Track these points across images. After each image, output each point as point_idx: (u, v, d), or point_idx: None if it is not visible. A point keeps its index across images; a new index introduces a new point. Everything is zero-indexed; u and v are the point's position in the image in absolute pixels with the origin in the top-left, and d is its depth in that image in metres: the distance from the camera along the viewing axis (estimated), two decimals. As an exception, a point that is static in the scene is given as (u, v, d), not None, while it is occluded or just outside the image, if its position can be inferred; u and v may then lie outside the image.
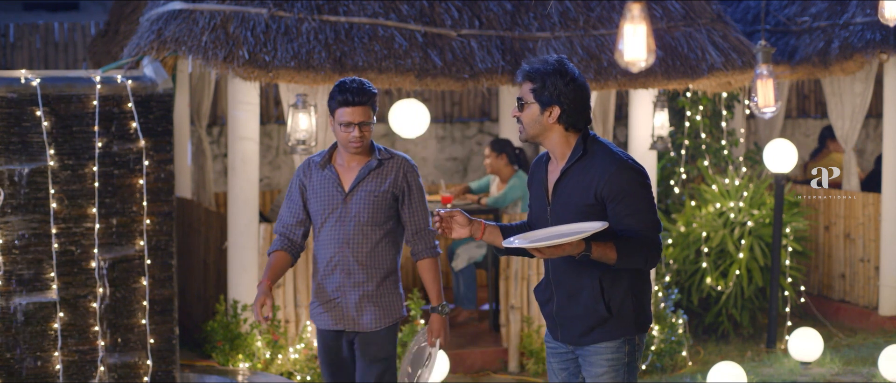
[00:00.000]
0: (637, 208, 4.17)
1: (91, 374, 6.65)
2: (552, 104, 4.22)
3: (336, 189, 5.06)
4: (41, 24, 12.92)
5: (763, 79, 7.40)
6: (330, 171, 5.08)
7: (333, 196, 5.06)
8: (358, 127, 4.98)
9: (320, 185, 5.08)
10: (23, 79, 6.56)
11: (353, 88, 4.97)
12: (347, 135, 4.99)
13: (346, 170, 5.08)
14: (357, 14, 7.48)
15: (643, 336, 4.34)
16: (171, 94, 6.87)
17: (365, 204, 5.03)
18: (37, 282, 6.57)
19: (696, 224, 9.15)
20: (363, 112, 4.99)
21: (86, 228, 6.63)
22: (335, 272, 5.06)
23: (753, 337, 9.08)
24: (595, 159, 4.22)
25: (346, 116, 4.97)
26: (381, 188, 5.04)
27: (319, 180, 5.09)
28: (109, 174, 6.66)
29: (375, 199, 5.03)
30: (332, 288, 5.06)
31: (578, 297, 4.26)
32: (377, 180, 5.05)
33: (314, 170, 5.12)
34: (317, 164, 5.12)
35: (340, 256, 5.04)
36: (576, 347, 4.34)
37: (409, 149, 11.59)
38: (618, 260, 4.12)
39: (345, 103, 4.96)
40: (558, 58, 4.27)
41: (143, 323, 6.73)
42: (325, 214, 5.06)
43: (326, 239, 5.07)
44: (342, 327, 5.07)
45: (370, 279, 5.05)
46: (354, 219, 5.02)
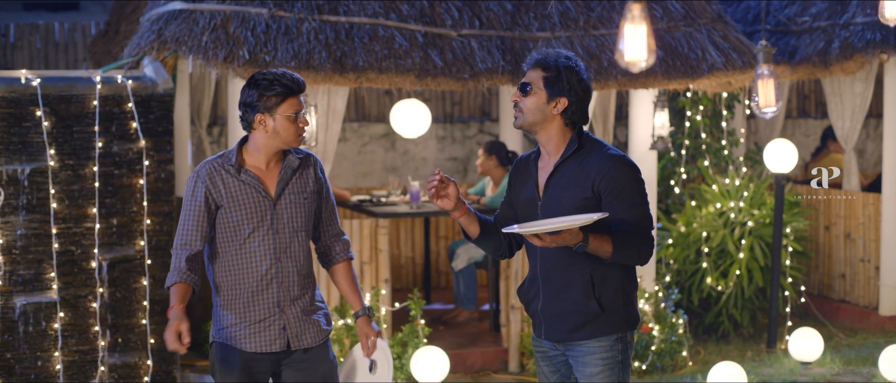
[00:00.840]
0: (632, 203, 4.19)
1: (91, 374, 6.65)
2: (561, 95, 4.22)
3: (261, 194, 4.53)
4: (41, 24, 12.92)
5: (763, 79, 7.40)
6: (247, 176, 4.54)
7: (259, 202, 4.53)
8: (303, 116, 4.58)
9: (239, 192, 4.53)
10: (23, 79, 6.56)
11: (289, 76, 4.52)
12: (297, 126, 4.51)
13: (264, 172, 4.58)
14: (357, 14, 7.48)
15: (633, 333, 4.34)
16: (171, 94, 6.87)
17: (295, 208, 4.58)
18: (37, 282, 6.57)
19: (696, 224, 9.15)
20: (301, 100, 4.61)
21: (86, 228, 6.64)
22: (270, 286, 4.55)
23: (754, 337, 9.08)
24: (591, 154, 4.24)
25: (294, 106, 4.49)
26: (307, 189, 4.63)
27: (236, 187, 4.53)
28: (110, 174, 6.67)
29: (304, 202, 4.60)
30: (270, 305, 4.54)
31: (568, 293, 4.26)
32: (301, 181, 4.63)
33: (225, 177, 4.53)
34: (228, 170, 4.54)
35: (278, 268, 4.55)
36: (565, 347, 4.33)
37: (409, 150, 11.60)
38: (613, 253, 4.13)
39: (289, 92, 4.48)
40: (570, 53, 4.29)
41: (144, 324, 6.73)
42: (251, 224, 4.51)
43: (256, 250, 4.53)
44: (278, 348, 4.56)
45: (306, 290, 4.63)
46: (288, 226, 4.56)
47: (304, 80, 7.16)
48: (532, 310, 4.41)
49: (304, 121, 4.54)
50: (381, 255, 7.77)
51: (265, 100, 4.46)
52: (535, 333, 4.45)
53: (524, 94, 4.27)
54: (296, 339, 4.58)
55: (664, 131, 8.34)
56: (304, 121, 4.54)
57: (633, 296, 4.33)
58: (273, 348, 4.55)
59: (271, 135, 4.49)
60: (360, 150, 11.43)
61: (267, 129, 4.49)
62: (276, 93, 4.46)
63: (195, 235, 4.53)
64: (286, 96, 4.47)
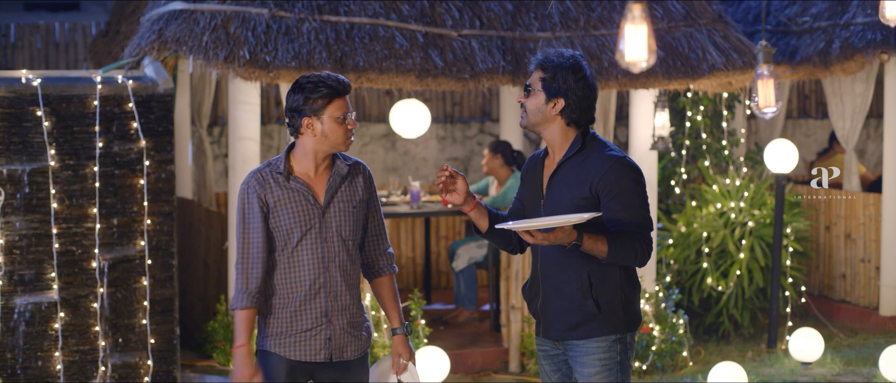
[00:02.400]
0: (630, 204, 4.19)
1: (92, 374, 6.65)
2: (558, 96, 4.24)
3: (309, 202, 4.45)
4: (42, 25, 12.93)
5: (764, 79, 7.40)
6: (296, 183, 4.46)
7: (308, 210, 4.44)
8: (351, 118, 4.48)
9: (289, 199, 4.45)
10: (24, 79, 6.56)
11: (334, 77, 4.44)
12: (346, 128, 4.43)
13: (312, 179, 4.49)
14: (358, 14, 7.48)
15: (634, 334, 4.34)
16: (171, 94, 6.87)
17: (345, 216, 4.49)
18: (37, 282, 6.57)
19: (696, 224, 9.15)
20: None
21: (86, 228, 6.63)
22: (319, 296, 4.47)
23: (754, 338, 9.08)
24: (592, 155, 4.25)
25: (342, 107, 4.42)
26: (356, 197, 4.52)
27: (285, 194, 4.45)
28: (110, 174, 6.67)
29: (353, 211, 4.51)
30: (317, 315, 4.46)
31: (565, 291, 4.27)
32: (350, 189, 4.52)
33: (274, 185, 4.46)
34: (276, 178, 4.47)
35: (326, 277, 4.46)
36: (565, 346, 4.34)
37: (409, 150, 11.60)
38: (608, 253, 4.14)
39: (336, 94, 4.41)
40: (574, 53, 4.30)
41: (144, 324, 6.73)
42: (300, 231, 4.43)
43: (304, 259, 4.45)
44: (323, 358, 4.49)
45: (354, 300, 4.54)
46: (336, 235, 4.47)
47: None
48: (533, 309, 4.43)
49: (353, 122, 4.46)
50: (381, 255, 7.76)
51: (311, 102, 4.38)
52: (536, 332, 4.47)
53: (526, 95, 4.31)
54: (338, 351, 4.50)
55: (665, 131, 8.34)
56: (352, 122, 4.45)
57: (634, 298, 4.33)
58: (317, 358, 4.48)
59: (320, 138, 4.41)
60: (361, 150, 11.43)
61: (315, 133, 4.40)
62: (323, 95, 4.38)
63: (262, 250, 4.45)
64: (333, 98, 4.39)
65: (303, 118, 4.40)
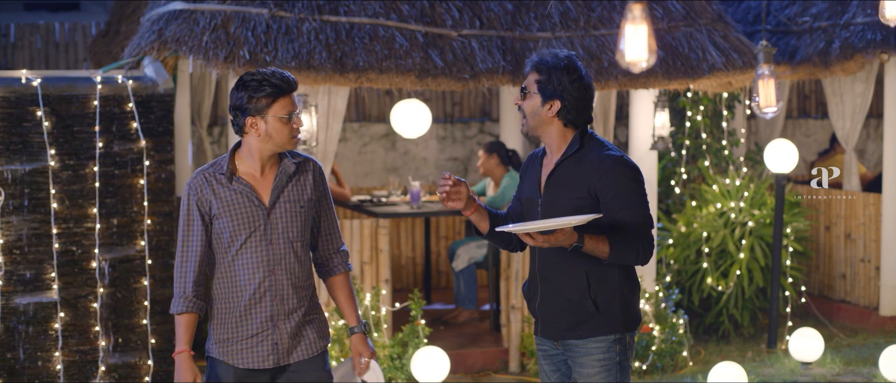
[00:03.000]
0: (630, 203, 4.18)
1: (92, 374, 6.65)
2: (553, 98, 4.24)
3: (253, 203, 4.33)
4: (42, 25, 12.92)
5: (764, 79, 7.40)
6: (240, 184, 4.33)
7: (252, 212, 4.32)
8: (297, 116, 4.35)
9: (232, 201, 4.32)
10: (23, 79, 6.56)
11: (279, 75, 4.29)
12: (291, 128, 4.30)
13: (258, 180, 4.36)
14: (358, 14, 7.48)
15: (633, 334, 4.32)
16: (171, 94, 6.87)
17: (291, 217, 4.35)
18: (37, 282, 6.57)
19: (696, 224, 9.15)
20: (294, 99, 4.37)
21: (86, 228, 6.63)
22: (264, 300, 4.34)
23: (754, 338, 9.08)
24: (589, 154, 4.24)
25: (287, 106, 4.28)
26: (304, 196, 4.39)
27: (229, 196, 4.33)
28: (110, 174, 6.66)
29: (301, 211, 4.36)
30: (262, 320, 4.35)
31: (564, 291, 4.26)
32: (298, 188, 4.39)
33: (216, 187, 4.33)
34: (218, 179, 4.35)
35: (271, 281, 4.33)
36: (563, 346, 4.33)
37: (409, 150, 11.60)
38: (610, 253, 4.13)
39: (280, 92, 4.27)
40: (569, 54, 4.29)
41: (144, 324, 6.73)
42: (242, 234, 4.31)
43: (248, 262, 4.33)
44: (271, 364, 4.38)
45: (302, 302, 4.39)
46: (283, 236, 4.33)
47: (302, 80, 7.19)
48: (531, 308, 4.42)
49: (299, 121, 4.34)
50: (381, 255, 7.77)
51: (255, 101, 4.25)
52: (535, 331, 4.45)
53: (523, 98, 4.30)
54: (286, 355, 4.38)
55: (665, 131, 8.34)
56: (298, 121, 4.33)
57: (632, 297, 4.32)
58: (265, 364, 4.38)
59: (264, 138, 4.29)
60: (361, 150, 11.43)
61: (259, 133, 4.28)
62: (267, 94, 4.24)
63: (198, 253, 4.35)
64: (277, 96, 4.26)
65: (246, 117, 4.27)
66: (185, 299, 4.38)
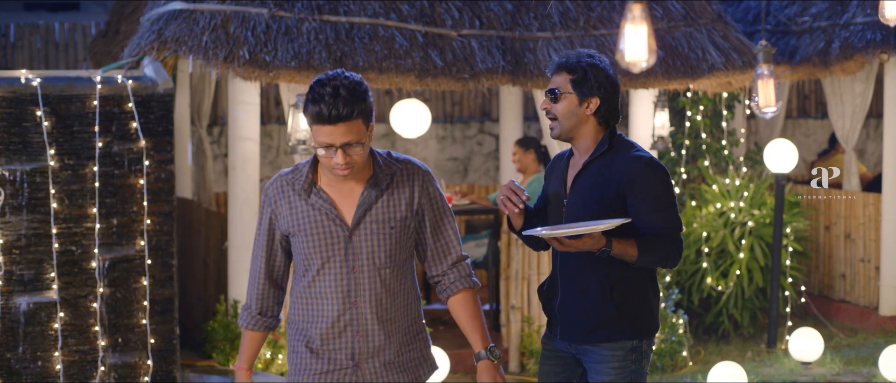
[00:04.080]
0: (660, 205, 4.11)
1: (91, 374, 6.65)
2: (592, 95, 4.15)
3: (334, 222, 3.72)
4: (42, 24, 12.93)
5: (764, 79, 7.40)
6: (319, 198, 3.73)
7: (331, 233, 3.72)
8: (342, 150, 3.60)
9: (308, 218, 3.73)
10: (23, 79, 6.56)
11: (330, 95, 3.56)
12: (329, 160, 3.64)
13: (342, 194, 3.74)
14: (357, 14, 7.48)
15: (651, 341, 4.23)
16: (171, 94, 6.87)
17: (379, 239, 3.73)
18: (37, 282, 6.57)
19: (696, 224, 9.15)
20: (348, 130, 3.58)
21: (86, 228, 6.63)
22: (344, 335, 3.75)
23: (754, 337, 9.08)
24: (619, 154, 4.16)
25: (323, 136, 3.60)
26: (397, 215, 3.75)
27: (305, 211, 3.74)
28: (110, 174, 6.66)
29: (391, 232, 3.74)
30: (342, 357, 3.76)
31: (585, 293, 4.18)
32: (390, 204, 3.74)
33: (293, 199, 3.76)
34: (297, 188, 3.76)
35: (353, 314, 3.74)
36: (578, 350, 4.27)
37: (409, 150, 11.60)
38: (639, 257, 4.05)
39: (320, 120, 3.58)
40: (592, 51, 4.22)
41: (144, 323, 6.73)
42: (319, 258, 3.72)
43: (326, 290, 3.74)
44: None
45: (391, 340, 3.78)
46: (368, 263, 3.72)
47: (302, 80, 7.19)
48: (549, 310, 4.33)
49: (347, 154, 3.66)
50: (381, 255, 7.76)
51: (306, 114, 3.79)
52: (549, 332, 4.35)
53: (554, 100, 4.18)
54: None
55: (664, 131, 8.34)
56: (345, 154, 3.66)
57: (653, 303, 4.23)
58: None
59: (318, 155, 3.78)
60: (361, 150, 11.44)
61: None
62: (309, 113, 3.71)
63: (264, 270, 3.84)
64: (317, 122, 3.70)
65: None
66: (250, 316, 3.89)
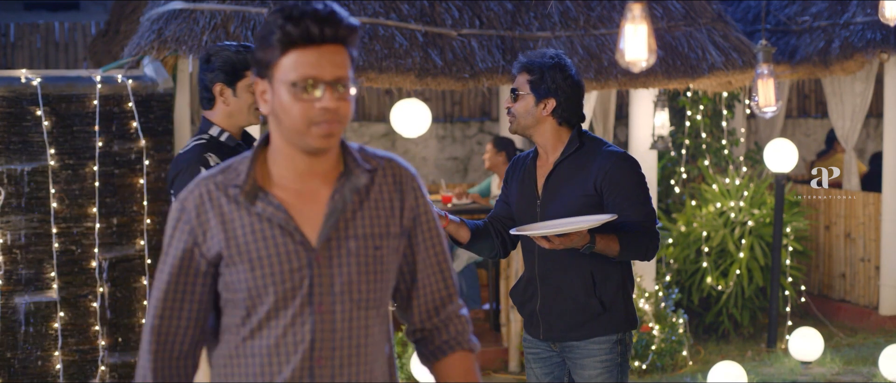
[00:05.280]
0: (637, 199, 4.18)
1: (92, 374, 6.66)
2: (548, 97, 4.21)
3: (292, 239, 2.52)
4: (42, 24, 12.92)
5: (764, 78, 7.40)
6: (268, 204, 2.53)
7: (288, 254, 2.52)
8: (329, 87, 2.46)
9: (253, 235, 2.53)
10: (23, 78, 6.56)
11: (317, 7, 2.50)
12: (307, 108, 2.46)
13: (300, 198, 2.55)
14: (357, 14, 7.48)
15: (631, 334, 4.31)
16: (171, 94, 6.87)
17: (360, 264, 2.56)
18: (37, 282, 6.57)
19: (696, 223, 9.15)
20: (343, 60, 2.48)
21: (86, 228, 6.64)
22: None
23: (754, 337, 9.08)
24: (591, 152, 4.22)
25: (306, 66, 2.48)
26: (385, 229, 2.61)
27: (248, 225, 2.54)
28: (110, 174, 6.67)
29: (378, 254, 2.59)
30: None
31: (568, 292, 4.23)
32: (373, 213, 2.60)
33: (227, 206, 2.55)
34: (232, 194, 2.56)
35: (315, 376, 2.53)
36: (562, 348, 4.30)
37: (409, 150, 11.59)
38: (620, 252, 4.12)
39: (304, 39, 2.48)
40: (556, 52, 4.27)
41: (144, 323, 6.73)
42: (274, 293, 2.51)
43: (278, 344, 2.52)
44: None
45: None
46: (343, 298, 2.54)
47: None
48: (528, 311, 4.35)
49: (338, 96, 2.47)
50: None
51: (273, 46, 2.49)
52: (529, 334, 4.38)
53: (514, 100, 4.27)
54: None
55: (664, 131, 8.34)
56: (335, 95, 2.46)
57: (631, 296, 4.32)
58: None
59: (281, 116, 2.40)
60: (361, 150, 11.44)
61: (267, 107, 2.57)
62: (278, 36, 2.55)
63: (175, 319, 2.56)
64: (296, 44, 2.41)
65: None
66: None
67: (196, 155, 4.12)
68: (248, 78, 4.04)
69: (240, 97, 4.09)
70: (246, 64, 4.07)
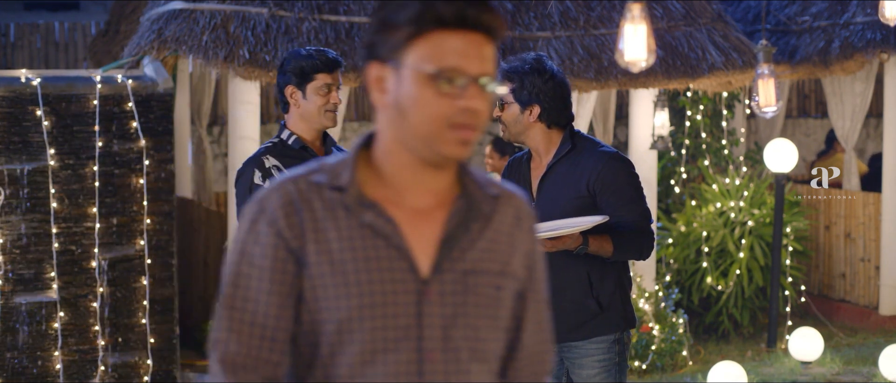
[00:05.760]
0: (630, 198, 4.18)
1: (91, 374, 6.66)
2: (531, 103, 4.19)
3: (401, 266, 2.04)
4: (42, 24, 12.93)
5: (764, 78, 7.40)
6: (377, 216, 2.05)
7: (392, 281, 2.03)
8: (473, 84, 2.00)
9: (354, 252, 2.04)
10: (23, 78, 6.56)
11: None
12: (451, 103, 1.97)
13: (411, 214, 2.08)
14: (357, 14, 7.48)
15: (629, 333, 4.30)
16: (171, 94, 6.87)
17: (479, 304, 2.09)
18: (37, 282, 6.57)
19: (696, 223, 9.15)
20: (485, 49, 2.08)
21: (86, 228, 6.64)
22: None
23: (754, 337, 9.08)
24: (584, 153, 4.22)
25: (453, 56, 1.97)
26: (505, 265, 2.14)
27: (350, 240, 2.04)
28: (110, 174, 6.67)
29: (500, 294, 2.13)
30: None
31: (565, 293, 4.22)
32: (494, 244, 2.13)
33: (324, 213, 2.05)
34: (330, 200, 2.05)
35: None
36: (561, 347, 4.30)
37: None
38: (614, 252, 4.12)
39: (454, 22, 1.96)
40: (536, 55, 4.26)
41: (144, 323, 6.73)
42: (371, 329, 2.02)
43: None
44: None
45: None
46: (457, 346, 2.06)
47: None
48: None
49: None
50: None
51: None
52: None
53: (501, 109, 4.26)
54: None
55: (664, 131, 8.33)
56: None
57: (629, 295, 4.32)
58: None
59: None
60: (361, 150, 11.44)
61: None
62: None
63: (268, 341, 2.04)
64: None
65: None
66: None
67: (256, 156, 4.21)
68: (317, 80, 4.13)
69: (309, 99, 4.17)
70: (316, 67, 4.16)
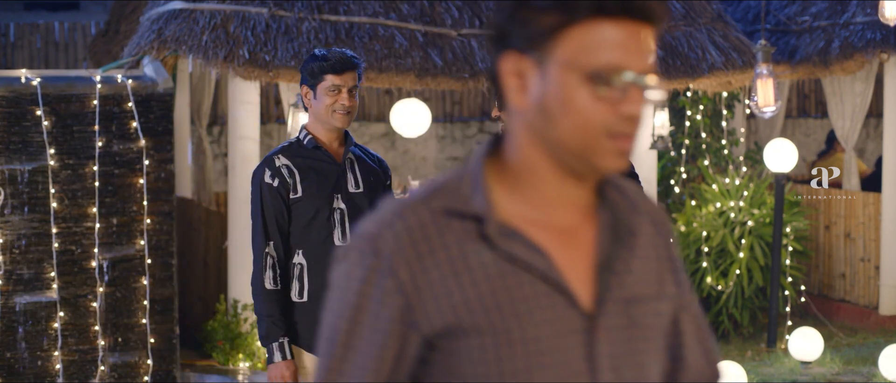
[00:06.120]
0: None
1: (91, 374, 6.66)
2: None
3: (562, 303, 1.66)
4: (41, 24, 12.93)
5: (763, 78, 7.40)
6: (522, 245, 1.66)
7: (559, 323, 1.66)
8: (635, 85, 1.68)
9: (501, 291, 1.64)
10: (23, 78, 6.56)
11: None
12: (613, 108, 1.61)
13: (557, 236, 1.70)
14: (357, 13, 7.48)
15: None
16: (171, 94, 6.87)
17: (647, 341, 1.74)
18: (37, 282, 6.57)
19: (696, 223, 9.15)
20: (647, 43, 1.81)
21: (86, 228, 6.64)
22: None
23: (754, 337, 9.08)
24: None
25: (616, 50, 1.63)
26: (656, 287, 1.79)
27: (491, 277, 1.64)
28: (110, 173, 6.67)
29: (659, 323, 1.78)
30: None
31: None
32: (642, 265, 1.77)
33: (454, 248, 1.66)
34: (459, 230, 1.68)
35: None
36: None
37: (409, 150, 11.59)
38: None
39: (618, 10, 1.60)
40: None
41: (144, 323, 6.73)
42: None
43: None
44: None
45: None
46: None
47: None
48: None
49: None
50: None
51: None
52: None
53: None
54: None
55: (664, 131, 8.33)
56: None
57: None
58: None
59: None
60: (361, 150, 11.44)
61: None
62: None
63: None
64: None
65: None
66: None
67: (269, 155, 4.25)
68: (326, 81, 4.17)
69: (319, 100, 4.22)
70: (324, 68, 4.20)
